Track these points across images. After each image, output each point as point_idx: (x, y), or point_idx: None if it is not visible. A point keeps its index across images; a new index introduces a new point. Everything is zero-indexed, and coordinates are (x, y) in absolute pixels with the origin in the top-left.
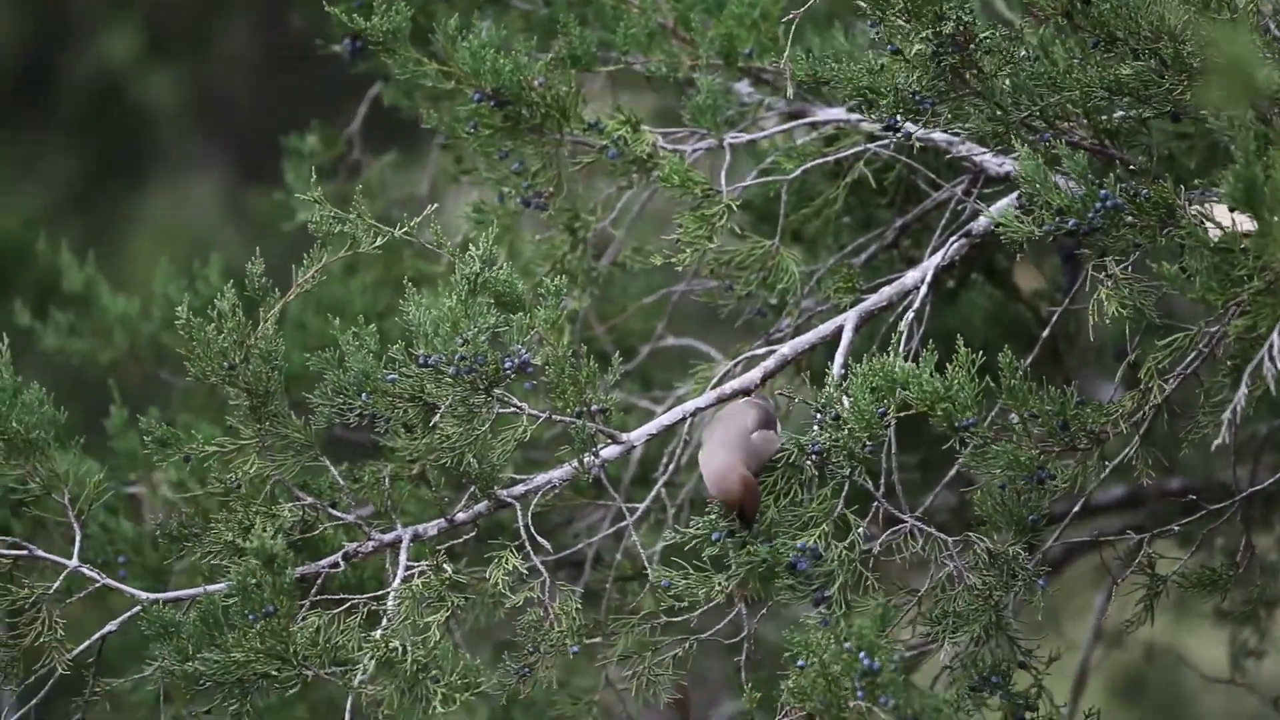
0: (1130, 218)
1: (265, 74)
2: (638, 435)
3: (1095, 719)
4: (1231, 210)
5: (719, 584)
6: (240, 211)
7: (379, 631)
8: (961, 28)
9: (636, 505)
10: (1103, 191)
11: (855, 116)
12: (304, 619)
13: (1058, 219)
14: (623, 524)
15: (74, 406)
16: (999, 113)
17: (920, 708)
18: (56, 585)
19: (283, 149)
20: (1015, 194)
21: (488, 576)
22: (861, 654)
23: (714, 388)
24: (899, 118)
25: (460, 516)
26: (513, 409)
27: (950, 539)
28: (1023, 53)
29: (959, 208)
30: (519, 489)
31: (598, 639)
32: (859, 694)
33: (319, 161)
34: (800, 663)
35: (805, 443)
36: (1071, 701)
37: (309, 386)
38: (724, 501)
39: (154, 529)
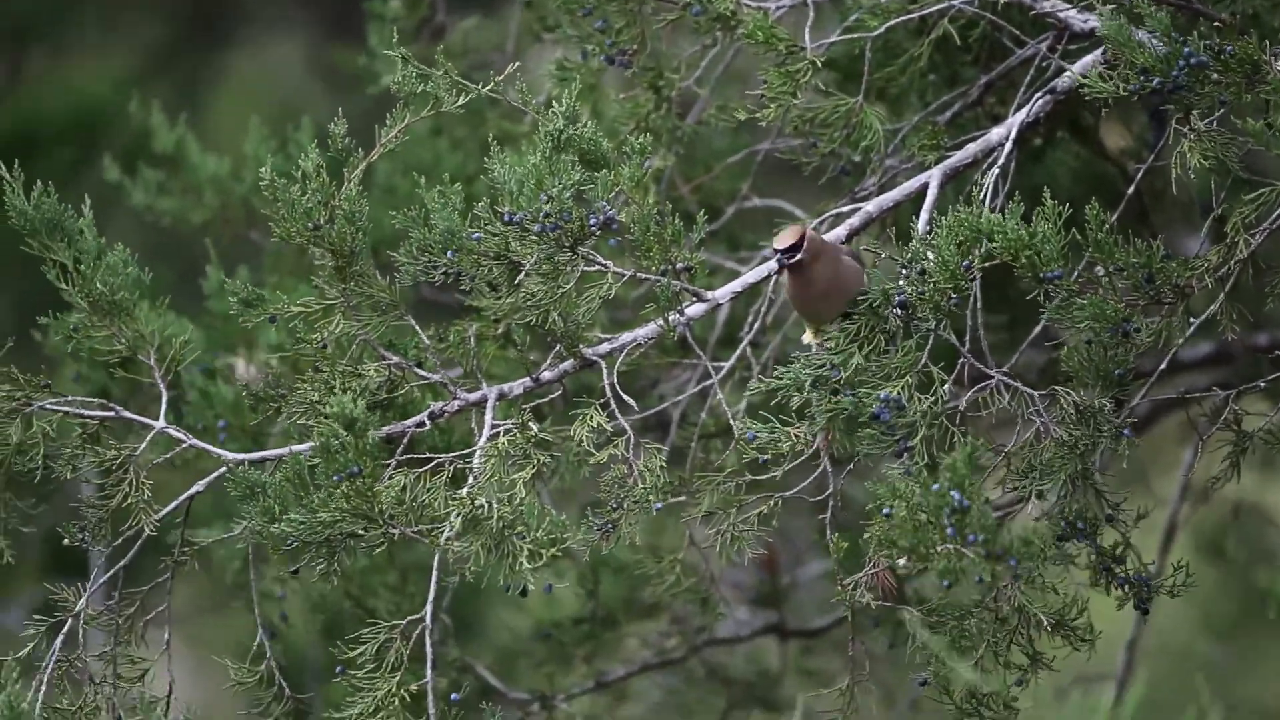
0: (1215, 75)
1: None
2: (723, 293)
3: (1184, 572)
4: None
5: (803, 434)
6: (326, 72)
7: (465, 490)
8: None
9: (722, 364)
10: (1187, 49)
11: None
12: (390, 478)
13: (1142, 78)
14: (708, 383)
15: (165, 267)
16: None
17: (1010, 543)
18: (143, 446)
19: (365, 13)
20: (1100, 50)
21: (573, 435)
22: (952, 491)
23: None
24: None
25: (546, 375)
26: (598, 267)
27: (1037, 394)
28: None
29: (1044, 64)
30: (604, 347)
31: (682, 497)
32: (949, 531)
33: (402, 24)
34: (886, 510)
35: (890, 290)
36: (1159, 556)
37: (396, 248)
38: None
39: (241, 390)
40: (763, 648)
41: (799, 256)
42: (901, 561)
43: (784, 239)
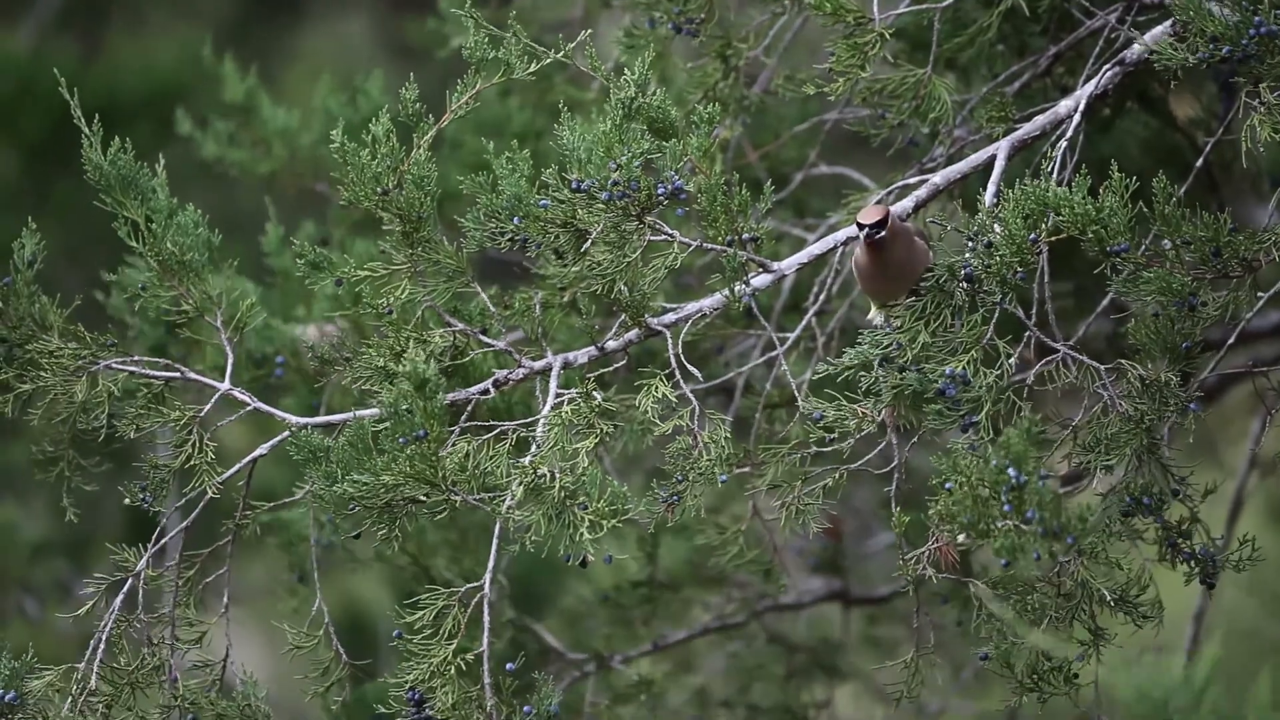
0: None
1: None
2: (789, 264)
3: (1250, 546)
4: None
5: (868, 412)
6: (395, 47)
7: (528, 458)
8: None
9: (787, 334)
10: (1257, 18)
11: None
12: (453, 444)
13: (1212, 46)
14: (773, 353)
15: (229, 216)
16: None
17: (1066, 520)
18: (207, 408)
19: None
20: (1169, 21)
21: (637, 404)
22: (1009, 468)
23: None
24: None
25: (611, 344)
26: (664, 236)
27: (1103, 367)
28: None
29: (1113, 35)
30: (669, 317)
31: (747, 468)
32: (1006, 508)
33: None
34: (948, 485)
35: (956, 264)
36: (1227, 527)
37: (464, 208)
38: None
39: (306, 351)
40: (825, 614)
41: (883, 233)
42: (961, 537)
43: (870, 214)
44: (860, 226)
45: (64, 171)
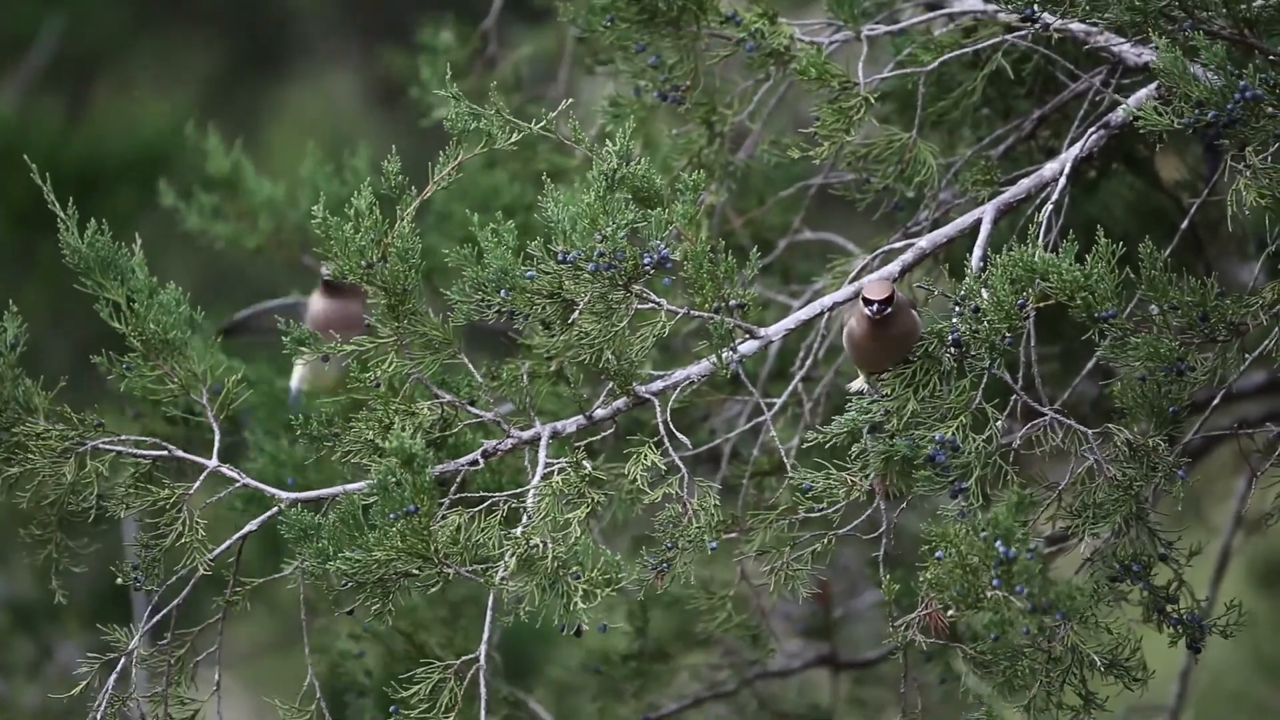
0: (1270, 108)
1: None
2: (775, 330)
3: (1237, 611)
4: None
5: (858, 481)
6: (381, 104)
7: (519, 529)
8: None
9: (774, 400)
10: (1242, 83)
11: (993, 7)
12: (444, 517)
13: (1197, 111)
14: (760, 419)
15: (222, 296)
16: (1137, 2)
17: (1055, 596)
18: (196, 486)
19: (418, 45)
20: (1154, 84)
21: (626, 473)
22: (998, 542)
23: (851, 282)
24: (1036, 8)
25: (599, 413)
26: (651, 305)
27: (1090, 431)
28: None
29: (1097, 98)
30: (657, 385)
31: (735, 534)
32: (995, 582)
33: (453, 57)
34: (938, 554)
35: (944, 330)
36: (1212, 587)
37: (451, 279)
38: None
39: (294, 430)
40: (814, 679)
41: (890, 309)
42: (950, 612)
43: (878, 290)
44: (868, 303)
45: (50, 234)
